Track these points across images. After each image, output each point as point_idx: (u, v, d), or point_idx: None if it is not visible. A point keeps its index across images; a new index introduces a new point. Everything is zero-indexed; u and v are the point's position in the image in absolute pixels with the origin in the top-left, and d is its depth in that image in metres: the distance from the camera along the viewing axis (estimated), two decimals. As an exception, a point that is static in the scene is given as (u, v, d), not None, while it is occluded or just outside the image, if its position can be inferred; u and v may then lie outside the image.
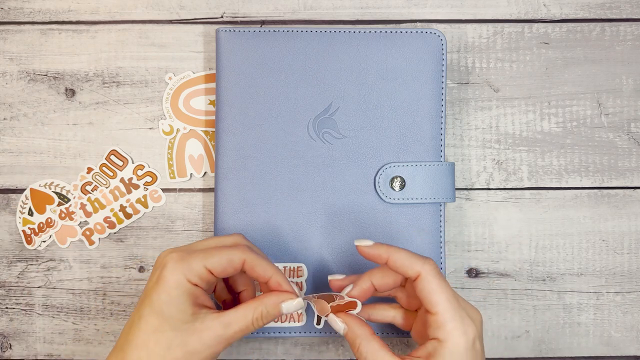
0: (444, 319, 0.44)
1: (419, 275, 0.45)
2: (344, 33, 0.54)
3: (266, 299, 0.45)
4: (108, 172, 0.57)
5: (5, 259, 0.56)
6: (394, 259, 0.45)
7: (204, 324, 0.43)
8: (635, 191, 0.57)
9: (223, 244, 0.46)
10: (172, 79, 0.57)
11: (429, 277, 0.44)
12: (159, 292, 0.42)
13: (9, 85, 0.57)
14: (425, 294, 0.44)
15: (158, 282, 0.43)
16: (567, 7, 0.58)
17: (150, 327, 0.42)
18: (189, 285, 0.43)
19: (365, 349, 0.44)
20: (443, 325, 0.44)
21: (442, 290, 0.44)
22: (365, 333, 0.45)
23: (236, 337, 0.44)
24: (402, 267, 0.45)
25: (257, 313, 0.45)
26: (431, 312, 0.44)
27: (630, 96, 0.57)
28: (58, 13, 0.57)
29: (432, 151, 0.54)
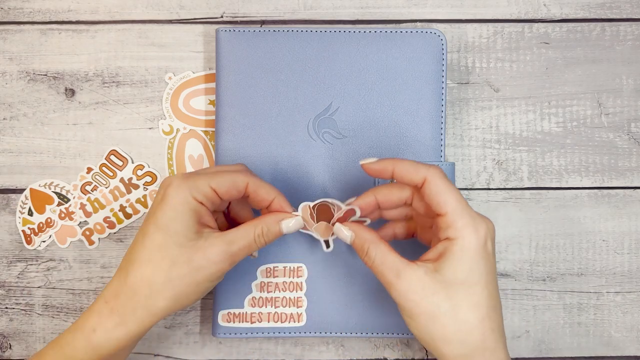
0: (453, 218, 0.43)
1: (425, 180, 0.44)
2: (344, 33, 0.54)
3: (266, 218, 0.46)
4: (108, 172, 0.56)
5: (5, 259, 0.56)
6: (400, 168, 0.45)
7: (207, 241, 0.43)
8: (636, 191, 0.57)
9: (227, 169, 0.46)
10: (172, 78, 0.57)
11: (436, 179, 0.44)
12: (164, 209, 0.42)
13: (9, 85, 0.57)
14: (433, 196, 0.44)
15: (163, 200, 0.43)
16: (567, 7, 0.58)
17: (154, 244, 0.42)
18: (194, 203, 0.43)
19: (374, 252, 0.44)
20: (453, 224, 0.43)
21: (450, 191, 0.44)
22: (372, 237, 0.45)
23: (240, 254, 0.44)
24: (408, 175, 0.44)
25: (259, 230, 0.45)
26: (441, 213, 0.43)
27: (631, 96, 0.57)
28: (58, 13, 0.57)
29: (432, 151, 0.54)
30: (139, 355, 0.56)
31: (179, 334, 0.56)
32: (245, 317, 0.53)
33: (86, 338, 0.42)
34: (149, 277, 0.42)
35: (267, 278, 0.53)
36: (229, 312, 0.53)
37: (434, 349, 0.43)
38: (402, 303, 0.43)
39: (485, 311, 0.43)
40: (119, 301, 0.42)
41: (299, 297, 0.53)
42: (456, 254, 0.43)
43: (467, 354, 0.43)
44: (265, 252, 0.53)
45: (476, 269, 0.43)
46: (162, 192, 0.43)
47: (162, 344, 0.56)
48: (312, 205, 0.47)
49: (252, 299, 0.53)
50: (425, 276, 0.43)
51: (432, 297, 0.42)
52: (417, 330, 0.44)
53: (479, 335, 0.43)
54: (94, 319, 0.42)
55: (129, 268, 0.42)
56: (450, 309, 0.42)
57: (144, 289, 0.42)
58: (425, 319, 0.43)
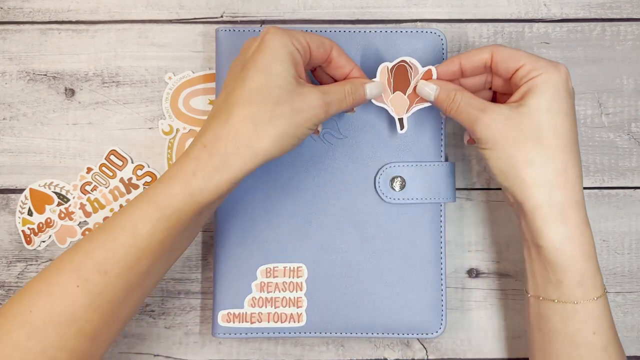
0: (532, 64, 0.46)
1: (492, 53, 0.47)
2: (344, 33, 0.54)
3: (354, 80, 0.48)
4: (108, 172, 0.56)
5: (5, 259, 0.56)
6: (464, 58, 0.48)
7: (305, 88, 0.44)
8: (636, 191, 0.57)
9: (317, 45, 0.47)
10: (171, 78, 0.57)
11: (501, 47, 0.47)
12: (265, 51, 0.43)
13: (9, 85, 0.57)
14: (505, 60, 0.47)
15: (262, 45, 0.43)
16: (568, 6, 0.58)
17: (256, 84, 0.42)
18: (292, 48, 0.44)
19: (460, 96, 0.47)
20: (533, 67, 0.46)
21: (520, 50, 0.47)
22: (458, 86, 0.48)
23: (333, 106, 0.46)
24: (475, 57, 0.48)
25: (348, 88, 0.47)
26: (518, 66, 0.46)
27: (631, 96, 0.57)
28: (58, 13, 0.57)
29: (433, 151, 0.54)
30: (139, 355, 0.56)
31: (179, 334, 0.56)
32: (245, 317, 0.53)
33: (184, 184, 0.41)
34: (254, 114, 0.42)
35: (267, 278, 0.53)
36: (228, 312, 0.53)
37: (515, 176, 0.45)
38: (486, 134, 0.45)
39: (567, 140, 0.45)
40: (220, 143, 0.42)
41: (299, 297, 0.53)
42: (539, 86, 0.45)
43: (549, 179, 0.45)
44: (265, 252, 0.53)
45: (559, 99, 0.45)
46: (259, 39, 0.44)
47: (162, 344, 0.56)
48: (390, 67, 0.50)
49: (252, 299, 0.53)
50: (510, 110, 0.45)
51: (516, 125, 0.45)
52: (498, 160, 0.46)
53: (561, 163, 0.45)
54: (192, 164, 0.42)
55: (230, 110, 0.42)
56: (534, 134, 0.45)
57: (248, 127, 0.42)
58: (509, 144, 0.45)
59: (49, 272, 0.43)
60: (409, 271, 0.53)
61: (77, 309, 0.42)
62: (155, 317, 0.56)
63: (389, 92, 0.51)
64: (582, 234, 0.45)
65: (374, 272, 0.53)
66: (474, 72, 0.49)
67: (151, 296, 0.56)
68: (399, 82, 0.51)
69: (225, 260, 0.53)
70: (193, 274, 0.56)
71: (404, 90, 0.51)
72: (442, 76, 0.49)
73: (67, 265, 0.42)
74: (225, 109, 0.43)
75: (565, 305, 0.46)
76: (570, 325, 0.46)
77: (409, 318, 0.53)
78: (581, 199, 0.46)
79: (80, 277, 0.42)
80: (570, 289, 0.45)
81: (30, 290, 0.42)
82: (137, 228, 0.42)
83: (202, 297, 0.56)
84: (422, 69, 0.50)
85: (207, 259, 0.57)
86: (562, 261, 0.45)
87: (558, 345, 0.46)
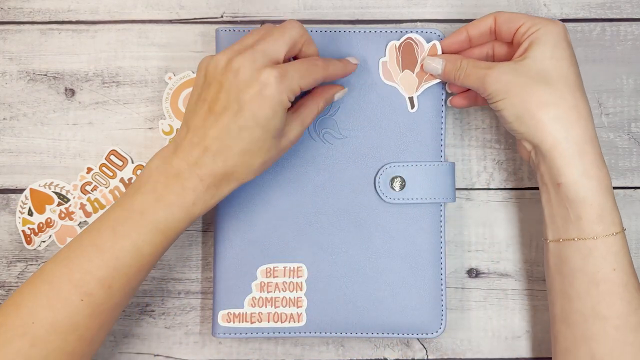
0: (532, 21, 0.49)
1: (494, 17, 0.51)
2: (344, 33, 0.54)
3: (325, 93, 0.51)
4: (108, 172, 0.56)
5: (5, 259, 0.56)
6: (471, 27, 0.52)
7: (289, 126, 0.48)
8: (636, 191, 0.57)
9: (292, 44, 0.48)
10: (171, 78, 0.57)
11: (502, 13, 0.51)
12: (264, 107, 0.45)
13: (9, 85, 0.57)
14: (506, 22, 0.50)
15: (262, 99, 0.45)
16: (568, 6, 0.58)
17: (253, 137, 0.46)
18: (287, 102, 0.46)
19: (466, 62, 0.50)
20: (533, 22, 0.49)
21: (521, 14, 0.50)
22: (461, 56, 0.51)
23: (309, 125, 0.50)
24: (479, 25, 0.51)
25: (321, 105, 0.50)
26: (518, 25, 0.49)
27: (631, 96, 0.57)
28: (58, 13, 0.57)
29: (433, 151, 0.54)
30: (139, 355, 0.56)
31: (179, 334, 0.56)
32: (245, 317, 0.53)
33: (186, 211, 0.46)
34: (248, 162, 0.46)
35: (267, 278, 0.53)
36: (228, 312, 0.53)
37: (530, 117, 0.47)
38: (497, 86, 0.48)
39: (573, 82, 0.48)
40: (216, 179, 0.46)
41: (299, 297, 0.53)
42: (540, 38, 0.48)
43: (563, 116, 0.47)
44: (265, 252, 0.53)
45: (560, 47, 0.48)
46: (259, 88, 0.45)
47: (162, 344, 0.56)
48: (398, 45, 0.52)
49: (252, 299, 0.53)
50: (515, 63, 0.48)
51: (524, 73, 0.48)
52: (513, 106, 0.48)
53: (572, 101, 0.47)
54: (192, 195, 0.46)
55: (227, 154, 0.46)
56: (542, 79, 0.47)
57: (242, 171, 0.47)
58: (521, 90, 0.47)
59: (46, 287, 0.45)
60: (409, 271, 0.53)
61: (80, 319, 0.45)
62: (155, 317, 0.56)
63: (398, 71, 0.53)
64: (600, 168, 0.47)
65: (374, 272, 0.53)
66: (480, 39, 0.52)
67: (151, 296, 0.56)
68: (406, 60, 0.53)
69: (225, 260, 0.53)
70: (193, 274, 0.56)
71: (412, 68, 0.53)
72: (451, 47, 0.52)
73: (65, 283, 0.45)
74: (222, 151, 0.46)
75: (586, 241, 0.47)
76: (590, 262, 0.47)
77: (409, 318, 0.53)
78: (594, 136, 0.48)
79: (83, 292, 0.45)
80: (589, 224, 0.47)
81: (26, 304, 0.45)
82: (141, 250, 0.46)
83: (202, 297, 0.56)
84: (427, 44, 0.52)
85: (207, 259, 0.57)
86: (581, 195, 0.47)
87: (579, 285, 0.48)
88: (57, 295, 0.44)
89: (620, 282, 0.47)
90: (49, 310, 0.44)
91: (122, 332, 0.56)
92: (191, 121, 0.47)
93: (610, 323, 0.47)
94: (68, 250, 0.46)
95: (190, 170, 0.46)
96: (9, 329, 0.44)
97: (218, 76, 0.46)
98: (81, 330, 0.45)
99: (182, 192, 0.46)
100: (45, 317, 0.44)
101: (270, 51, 0.46)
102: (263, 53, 0.46)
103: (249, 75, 0.45)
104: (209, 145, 0.46)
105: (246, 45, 0.47)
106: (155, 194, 0.46)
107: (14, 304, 0.45)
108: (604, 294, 0.47)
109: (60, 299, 0.44)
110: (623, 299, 0.47)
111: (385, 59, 0.53)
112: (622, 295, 0.47)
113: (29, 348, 0.44)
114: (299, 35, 0.48)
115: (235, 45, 0.47)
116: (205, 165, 0.46)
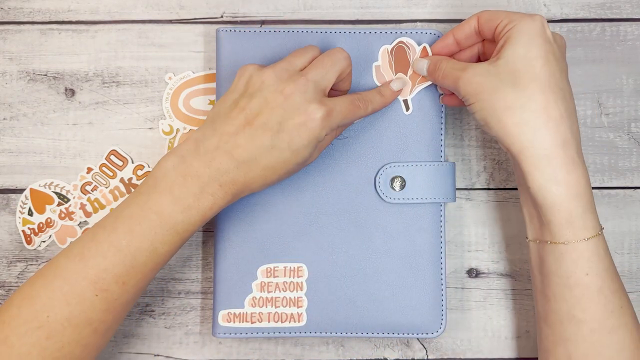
0: (509, 17, 0.48)
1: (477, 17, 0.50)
2: (344, 33, 0.54)
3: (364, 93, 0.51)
4: (108, 172, 0.56)
5: (5, 259, 0.56)
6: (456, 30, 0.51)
7: (314, 155, 0.49)
8: (636, 191, 0.57)
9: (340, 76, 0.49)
10: (172, 78, 0.57)
11: (484, 12, 0.50)
12: (302, 137, 0.46)
13: (9, 85, 0.57)
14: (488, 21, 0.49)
15: (304, 130, 0.46)
16: (568, 7, 0.58)
17: (281, 159, 0.47)
18: (323, 137, 0.48)
19: (445, 64, 0.50)
20: (510, 19, 0.47)
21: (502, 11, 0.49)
22: (444, 57, 0.51)
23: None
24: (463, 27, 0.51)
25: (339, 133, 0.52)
26: (497, 24, 0.48)
27: (631, 96, 0.57)
28: (58, 13, 0.57)
29: (433, 151, 0.54)
30: (139, 355, 0.56)
31: (179, 334, 0.56)
32: (245, 317, 0.53)
33: (202, 215, 0.46)
34: (268, 177, 0.47)
35: (267, 278, 0.53)
36: (229, 312, 0.53)
37: (497, 122, 0.46)
38: (468, 89, 0.47)
39: (546, 82, 0.46)
40: (234, 187, 0.46)
41: (299, 297, 0.53)
42: (514, 35, 0.47)
43: (529, 119, 0.45)
44: (265, 252, 0.53)
45: (535, 45, 0.46)
46: (305, 119, 0.46)
47: (162, 344, 0.56)
48: (390, 49, 0.52)
49: (252, 299, 0.53)
50: (489, 64, 0.47)
51: (495, 75, 0.47)
52: (482, 110, 0.47)
53: (541, 102, 0.45)
54: (210, 200, 0.46)
55: (252, 166, 0.46)
56: (511, 80, 0.46)
57: (259, 183, 0.47)
58: (490, 94, 0.46)
59: (60, 282, 0.45)
60: (409, 271, 0.53)
61: (95, 314, 0.45)
62: (155, 317, 0.56)
63: (391, 75, 0.53)
64: (570, 172, 0.45)
65: (374, 272, 0.53)
66: (468, 41, 0.52)
67: (151, 296, 0.56)
68: (399, 63, 0.53)
69: (225, 260, 0.53)
70: (193, 274, 0.56)
71: (405, 71, 0.53)
72: (441, 52, 0.52)
73: (81, 280, 0.45)
74: (249, 162, 0.46)
75: (557, 245, 0.47)
76: (562, 266, 0.47)
77: (409, 318, 0.53)
78: (569, 138, 0.46)
79: (98, 288, 0.45)
80: (558, 229, 0.46)
81: (40, 297, 0.45)
82: (157, 250, 0.46)
83: (202, 297, 0.56)
84: (418, 47, 0.53)
85: (207, 259, 0.57)
86: (548, 201, 0.46)
87: (555, 287, 0.47)
88: (72, 291, 0.45)
89: (594, 287, 0.46)
90: (65, 304, 0.45)
91: (122, 332, 0.56)
92: (222, 125, 0.47)
93: (586, 326, 0.46)
94: (81, 246, 0.46)
95: (212, 175, 0.46)
96: (24, 322, 0.44)
97: (265, 92, 0.47)
98: (95, 323, 0.45)
99: (200, 196, 0.46)
100: (60, 312, 0.45)
101: (321, 83, 0.48)
102: (315, 84, 0.47)
103: (298, 105, 0.46)
104: (238, 155, 0.46)
105: (295, 67, 0.48)
106: (172, 196, 0.46)
107: (28, 297, 0.45)
108: (577, 297, 0.46)
109: (76, 295, 0.45)
110: (598, 302, 0.46)
111: (378, 63, 0.53)
112: (596, 299, 0.46)
113: (45, 340, 0.44)
114: (347, 66, 0.49)
115: (283, 64, 0.48)
116: (228, 173, 0.46)
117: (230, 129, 0.46)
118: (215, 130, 0.46)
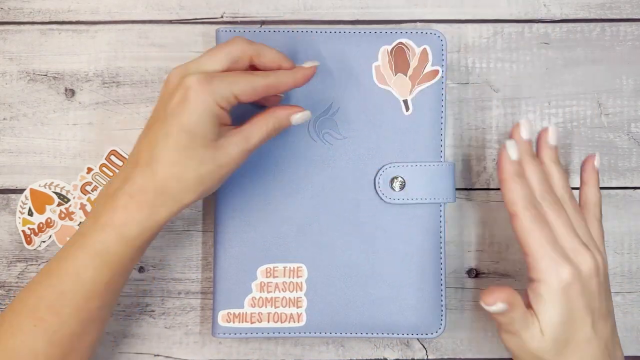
0: (534, 261, 0.44)
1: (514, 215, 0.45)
2: (344, 33, 0.54)
3: (277, 112, 0.48)
4: (108, 173, 0.57)
5: (5, 259, 0.56)
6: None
7: (228, 140, 0.45)
8: (636, 191, 0.57)
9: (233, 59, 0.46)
10: (172, 79, 0.57)
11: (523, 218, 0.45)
12: (189, 112, 0.43)
13: (9, 85, 0.57)
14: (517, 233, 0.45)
15: (185, 102, 0.43)
16: (567, 7, 0.58)
17: (180, 144, 0.43)
18: (217, 108, 0.44)
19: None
20: (535, 267, 0.44)
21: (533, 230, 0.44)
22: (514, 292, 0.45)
23: (255, 148, 0.47)
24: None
25: (270, 125, 0.47)
26: (525, 252, 0.45)
27: (631, 96, 0.57)
28: (58, 13, 0.57)
29: (432, 151, 0.54)
30: (139, 355, 0.56)
31: (179, 334, 0.56)
32: (245, 317, 0.53)
33: (118, 232, 0.44)
34: (180, 175, 0.44)
35: (267, 278, 0.53)
36: (228, 312, 0.53)
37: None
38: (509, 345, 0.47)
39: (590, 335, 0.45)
40: (147, 196, 0.44)
41: (299, 297, 0.53)
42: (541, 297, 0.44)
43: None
44: (265, 252, 0.53)
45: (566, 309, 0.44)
46: (182, 92, 0.44)
47: (162, 344, 0.56)
48: (389, 49, 0.52)
49: (252, 299, 0.53)
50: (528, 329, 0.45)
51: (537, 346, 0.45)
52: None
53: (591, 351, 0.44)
54: (122, 214, 0.44)
55: (156, 166, 0.43)
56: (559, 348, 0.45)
57: (175, 186, 0.44)
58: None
59: (8, 314, 0.45)
60: (408, 271, 0.53)
61: (38, 346, 0.44)
62: (155, 317, 0.56)
63: (391, 75, 0.53)
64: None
65: (374, 272, 0.53)
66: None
67: (151, 296, 0.56)
68: (399, 64, 0.53)
69: (225, 260, 0.53)
70: (193, 274, 0.56)
71: (405, 72, 0.53)
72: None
73: (23, 308, 0.45)
74: (150, 163, 0.44)
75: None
76: None
77: (409, 318, 0.53)
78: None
79: (36, 317, 0.44)
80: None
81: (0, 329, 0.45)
82: (80, 274, 0.44)
83: (202, 297, 0.56)
84: (418, 49, 0.52)
85: (207, 259, 0.57)
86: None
87: None
88: (16, 321, 0.44)
89: None
90: (10, 336, 0.44)
91: (122, 332, 0.56)
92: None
93: None
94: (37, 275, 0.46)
95: (121, 187, 0.44)
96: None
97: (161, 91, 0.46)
98: (41, 357, 0.44)
99: (113, 211, 0.44)
100: (6, 344, 0.44)
101: (203, 64, 0.45)
102: (196, 65, 0.45)
103: (176, 84, 0.44)
104: (139, 159, 0.44)
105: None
106: (95, 217, 0.45)
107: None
108: None
109: (18, 325, 0.44)
110: None
111: (378, 63, 0.53)
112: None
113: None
114: (240, 51, 0.46)
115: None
116: (133, 181, 0.44)
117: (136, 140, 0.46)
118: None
